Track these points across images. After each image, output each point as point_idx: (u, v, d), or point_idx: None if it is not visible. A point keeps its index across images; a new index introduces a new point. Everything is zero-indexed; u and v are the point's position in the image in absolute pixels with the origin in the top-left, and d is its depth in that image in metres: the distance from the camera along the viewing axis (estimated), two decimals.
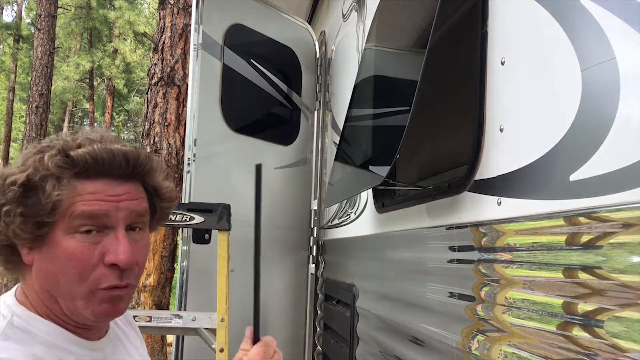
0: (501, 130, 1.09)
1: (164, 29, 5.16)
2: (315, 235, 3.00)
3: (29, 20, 20.20)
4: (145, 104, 5.19)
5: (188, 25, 5.02)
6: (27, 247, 0.91)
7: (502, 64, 1.11)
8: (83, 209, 0.89)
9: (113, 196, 0.92)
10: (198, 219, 2.33)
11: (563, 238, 0.86)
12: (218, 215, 2.36)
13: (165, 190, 1.04)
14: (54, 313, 0.93)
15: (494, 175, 1.10)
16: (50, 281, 0.91)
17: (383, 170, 1.31)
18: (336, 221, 2.60)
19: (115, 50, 18.77)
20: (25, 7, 20.41)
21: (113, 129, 22.94)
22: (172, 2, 5.17)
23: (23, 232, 0.88)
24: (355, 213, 2.20)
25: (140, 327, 1.24)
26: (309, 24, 3.41)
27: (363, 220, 2.13)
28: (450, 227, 1.27)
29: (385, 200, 1.85)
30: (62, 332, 0.93)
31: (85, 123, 24.82)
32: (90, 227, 0.89)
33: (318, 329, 2.88)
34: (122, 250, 0.90)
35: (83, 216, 0.89)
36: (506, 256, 1.03)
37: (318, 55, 3.17)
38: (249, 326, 1.13)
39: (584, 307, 0.82)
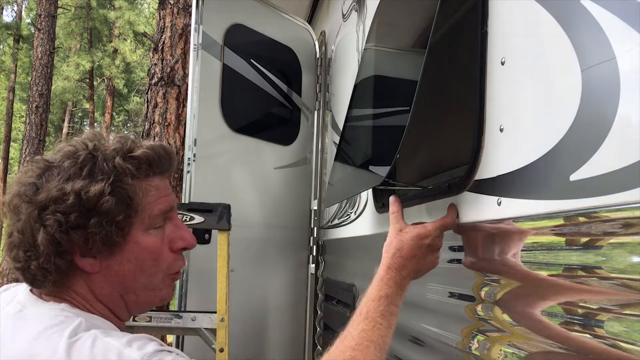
0: (501, 130, 1.09)
1: (164, 29, 5.16)
2: (315, 235, 3.00)
3: (29, 20, 20.20)
4: (145, 104, 5.20)
5: (188, 25, 5.02)
6: (92, 257, 0.92)
7: (502, 64, 1.11)
8: (159, 207, 0.96)
9: (169, 190, 1.00)
10: (198, 219, 2.33)
11: (563, 238, 0.86)
12: (218, 215, 2.35)
13: None
14: (112, 312, 0.96)
15: (494, 175, 1.10)
16: (127, 280, 0.95)
17: (383, 170, 1.31)
18: (336, 221, 2.60)
19: (115, 50, 18.76)
20: (25, 7, 20.41)
21: (113, 128, 22.94)
22: (172, 2, 5.17)
23: (102, 231, 0.89)
24: (355, 213, 2.20)
25: (140, 327, 1.25)
26: (309, 24, 3.41)
27: (363, 220, 2.13)
28: None
29: (385, 200, 1.85)
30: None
31: (85, 123, 24.83)
32: (161, 223, 0.97)
33: (318, 329, 2.88)
34: (189, 235, 1.01)
35: (159, 214, 0.96)
36: (506, 256, 1.03)
37: (318, 55, 3.17)
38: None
39: (584, 307, 0.82)
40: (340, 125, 2.31)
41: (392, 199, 1.26)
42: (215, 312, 2.24)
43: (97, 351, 0.81)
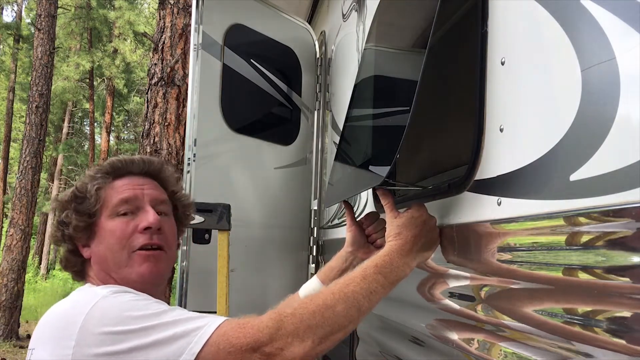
0: (501, 130, 1.09)
1: (164, 29, 5.15)
2: (315, 235, 3.00)
3: (29, 20, 20.19)
4: (145, 104, 5.19)
5: (188, 25, 5.01)
6: (86, 245, 1.21)
7: (502, 64, 1.11)
8: (119, 196, 1.20)
9: (138, 185, 1.23)
10: (198, 219, 2.34)
11: (563, 238, 0.86)
12: (218, 215, 2.36)
13: (181, 191, 1.36)
14: None
15: (494, 175, 1.10)
16: (103, 260, 1.18)
17: (383, 170, 1.31)
18: (336, 221, 2.60)
19: (115, 50, 18.76)
20: (25, 7, 20.40)
21: (113, 128, 22.95)
22: (172, 2, 5.16)
23: (80, 222, 1.18)
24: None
25: None
26: (309, 24, 3.41)
27: None
28: (450, 227, 1.27)
29: None
30: None
31: (85, 123, 24.82)
32: (125, 210, 1.19)
33: None
34: (151, 215, 1.19)
35: (120, 202, 1.19)
36: (506, 256, 1.03)
37: (318, 55, 3.17)
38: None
39: (584, 307, 0.82)
40: (340, 125, 2.31)
41: (380, 192, 1.30)
42: (215, 312, 2.24)
43: (81, 292, 1.14)
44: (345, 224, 1.53)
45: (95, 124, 21.79)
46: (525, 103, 1.02)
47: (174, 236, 1.28)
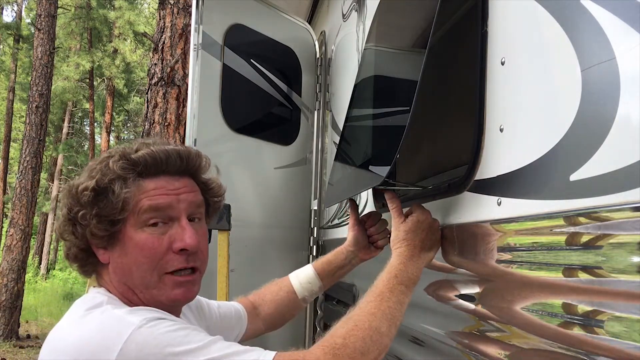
0: (501, 130, 1.09)
1: (164, 29, 5.15)
2: (315, 235, 3.00)
3: (29, 20, 20.20)
4: (145, 104, 5.19)
5: (188, 25, 5.02)
6: (103, 248, 1.03)
7: (502, 64, 1.11)
8: (149, 203, 1.01)
9: (173, 190, 1.04)
10: None
11: (563, 238, 0.86)
12: (218, 215, 2.35)
13: (215, 185, 1.20)
14: (134, 303, 1.03)
15: (494, 175, 1.10)
16: (126, 274, 1.02)
17: (383, 170, 1.31)
18: (336, 221, 2.60)
19: (115, 50, 18.76)
20: (25, 7, 20.41)
21: (113, 128, 22.95)
22: (172, 2, 5.16)
23: (99, 231, 1.00)
24: None
25: None
26: (309, 24, 3.41)
27: None
28: (450, 227, 1.27)
29: (385, 200, 1.84)
30: None
31: (85, 123, 24.82)
32: (156, 220, 1.01)
33: (318, 329, 2.88)
34: (189, 235, 1.02)
35: (150, 210, 1.01)
36: (506, 256, 1.03)
37: (318, 55, 3.17)
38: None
39: (584, 307, 0.82)
40: (340, 125, 2.31)
41: (389, 195, 1.30)
42: None
43: (105, 317, 0.94)
44: (346, 224, 1.53)
45: (95, 124, 21.80)
46: (525, 103, 1.02)
47: (207, 242, 1.14)
